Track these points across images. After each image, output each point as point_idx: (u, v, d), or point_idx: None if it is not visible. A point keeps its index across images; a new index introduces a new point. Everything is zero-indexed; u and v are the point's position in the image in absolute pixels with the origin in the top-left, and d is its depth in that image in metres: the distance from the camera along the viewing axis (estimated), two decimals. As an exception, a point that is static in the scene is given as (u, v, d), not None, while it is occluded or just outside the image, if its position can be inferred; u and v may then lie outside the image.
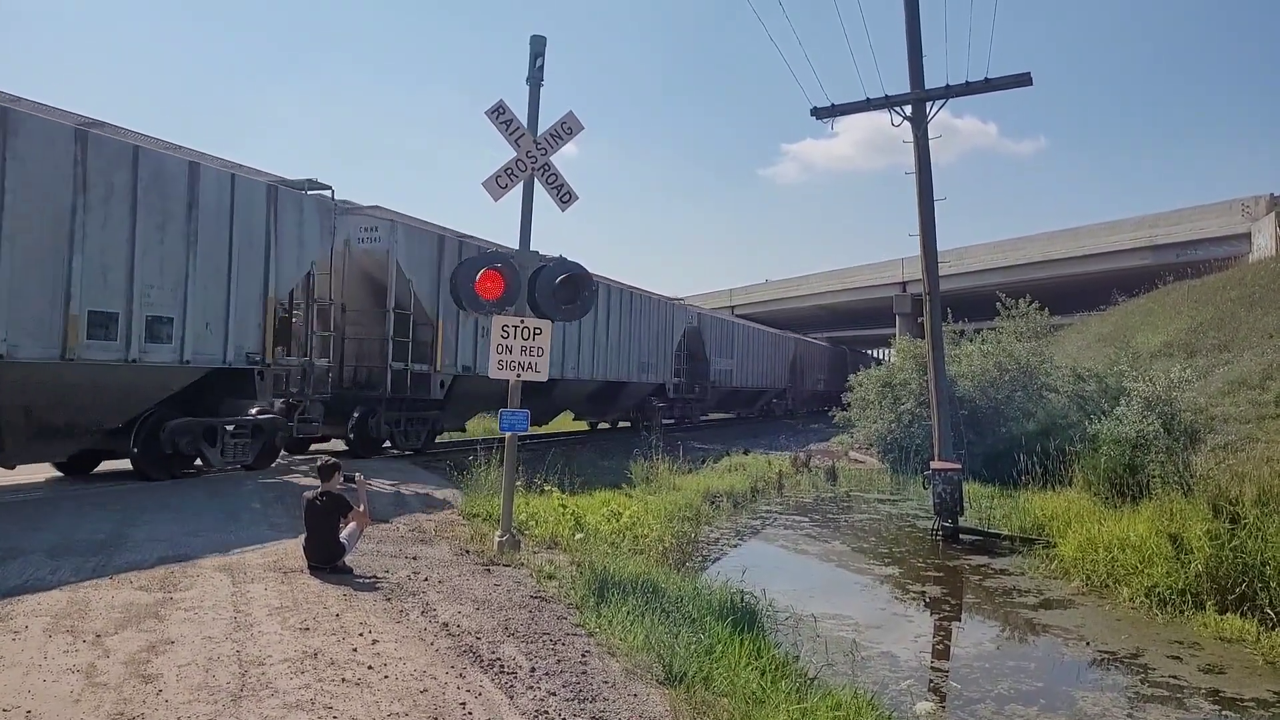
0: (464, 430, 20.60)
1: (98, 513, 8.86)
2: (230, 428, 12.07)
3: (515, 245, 8.58)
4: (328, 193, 13.51)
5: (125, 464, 11.46)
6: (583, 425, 27.57)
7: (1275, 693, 6.70)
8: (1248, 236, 33.24)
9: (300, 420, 13.51)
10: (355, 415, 14.96)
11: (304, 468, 13.48)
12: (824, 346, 54.71)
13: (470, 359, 16.82)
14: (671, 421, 29.19)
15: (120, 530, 8.09)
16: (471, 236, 17.86)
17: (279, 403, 13.43)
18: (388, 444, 15.92)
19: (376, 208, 15.91)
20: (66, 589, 6.04)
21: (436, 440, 17.66)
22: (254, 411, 12.85)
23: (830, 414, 26.35)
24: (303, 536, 7.16)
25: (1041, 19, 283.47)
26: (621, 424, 28.28)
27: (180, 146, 11.85)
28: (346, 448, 15.26)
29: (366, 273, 15.62)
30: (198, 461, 11.89)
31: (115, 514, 8.84)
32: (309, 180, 13.34)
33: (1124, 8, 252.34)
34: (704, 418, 33.87)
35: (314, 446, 15.88)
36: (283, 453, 14.48)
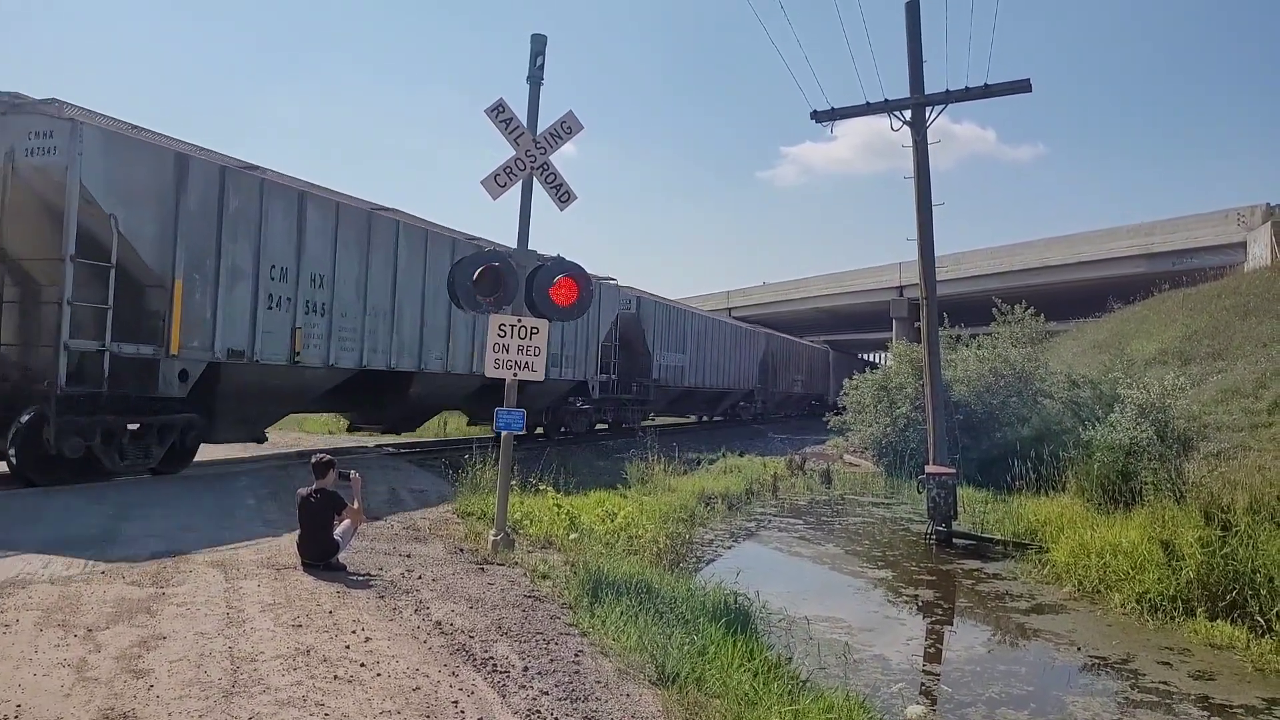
0: (260, 442, 13.63)
1: (92, 507, 8.84)
2: None
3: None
4: None
5: None
6: (486, 430, 20.20)
7: (1264, 699, 6.72)
8: (1243, 246, 33.38)
9: None
10: (21, 422, 9.67)
11: None
12: (804, 345, 50.64)
13: (244, 340, 11.49)
14: (605, 427, 24.35)
15: (114, 525, 8.07)
16: (255, 167, 12.10)
17: None
18: (109, 464, 10.21)
19: (53, 101, 10.02)
20: (58, 583, 6.03)
21: (195, 459, 11.85)
22: None
23: (825, 420, 26.15)
24: (296, 533, 7.15)
25: (1041, 25, 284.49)
26: (538, 430, 21.95)
27: None
28: (9, 471, 9.87)
29: (46, 202, 9.99)
30: None
31: (109, 509, 8.83)
32: None
33: (1125, 16, 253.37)
34: (645, 422, 27.54)
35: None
36: None
